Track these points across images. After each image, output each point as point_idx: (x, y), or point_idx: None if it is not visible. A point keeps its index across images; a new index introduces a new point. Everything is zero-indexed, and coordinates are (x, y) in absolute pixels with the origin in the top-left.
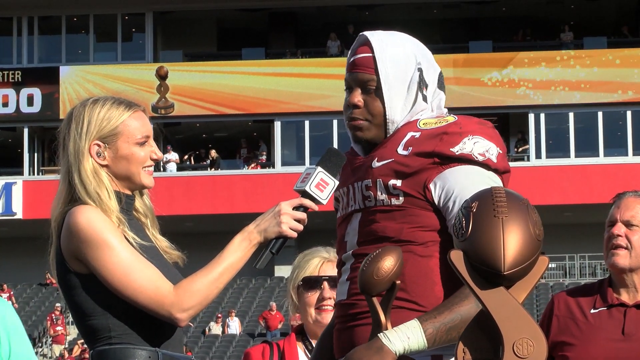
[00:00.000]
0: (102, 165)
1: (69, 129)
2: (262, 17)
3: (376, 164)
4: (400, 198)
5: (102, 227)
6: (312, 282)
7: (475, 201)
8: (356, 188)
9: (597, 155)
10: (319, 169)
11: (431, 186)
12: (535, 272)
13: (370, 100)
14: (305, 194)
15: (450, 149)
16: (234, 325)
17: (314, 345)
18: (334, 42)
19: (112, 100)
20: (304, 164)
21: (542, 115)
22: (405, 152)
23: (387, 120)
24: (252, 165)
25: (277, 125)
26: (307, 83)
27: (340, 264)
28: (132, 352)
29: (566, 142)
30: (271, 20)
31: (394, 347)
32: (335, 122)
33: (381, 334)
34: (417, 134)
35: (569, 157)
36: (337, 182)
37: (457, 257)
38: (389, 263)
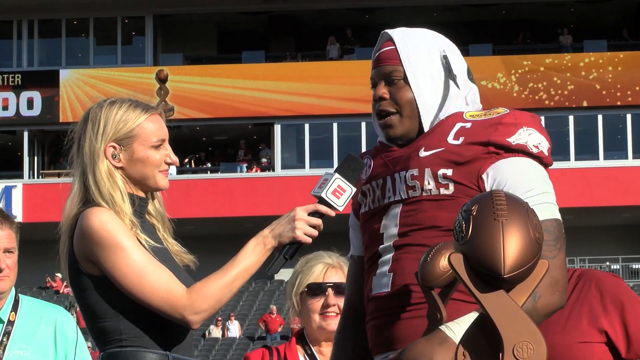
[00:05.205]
0: (117, 168)
1: (84, 129)
2: (263, 20)
3: (423, 153)
4: (450, 187)
5: (115, 229)
6: (317, 289)
7: (475, 204)
8: (397, 178)
9: (597, 159)
10: (337, 175)
11: (484, 176)
12: (535, 276)
13: (395, 90)
14: (321, 200)
15: (507, 139)
16: (234, 329)
17: (314, 351)
18: (333, 46)
19: (129, 103)
20: (304, 167)
21: (542, 119)
22: (456, 142)
23: (420, 109)
24: (253, 168)
25: (277, 128)
26: (307, 86)
27: (374, 257)
28: (143, 355)
29: (566, 145)
30: (271, 24)
31: (458, 340)
32: (335, 125)
33: (443, 326)
34: (468, 125)
35: (569, 160)
36: (354, 189)
37: (457, 260)
38: None
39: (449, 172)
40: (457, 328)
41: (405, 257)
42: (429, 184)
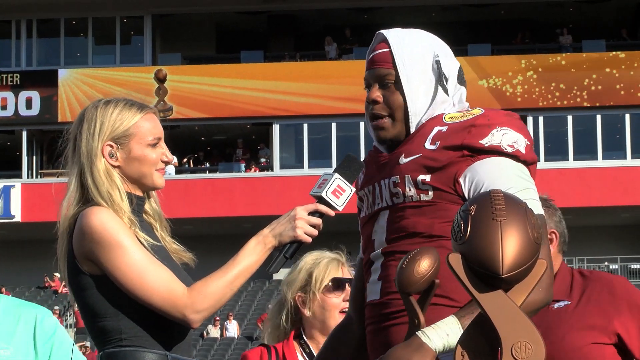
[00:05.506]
0: (114, 167)
1: (80, 129)
2: (261, 20)
3: (403, 159)
4: (430, 193)
5: (115, 228)
6: (340, 284)
7: (473, 204)
8: (383, 185)
9: (596, 159)
10: (336, 175)
11: (461, 180)
12: (533, 275)
13: (389, 94)
14: (321, 200)
15: (479, 141)
16: (232, 329)
17: (312, 349)
18: (331, 46)
19: (124, 102)
20: (302, 167)
21: (541, 118)
22: (433, 147)
23: (410, 113)
24: (251, 167)
25: (276, 128)
26: (306, 86)
27: (368, 264)
28: (142, 355)
29: (565, 145)
30: (270, 23)
31: (434, 345)
32: (334, 125)
33: (419, 331)
34: (444, 128)
35: (567, 160)
36: (353, 189)
37: (455, 260)
38: (429, 261)
39: (427, 178)
40: (432, 333)
41: (391, 264)
42: (410, 190)
